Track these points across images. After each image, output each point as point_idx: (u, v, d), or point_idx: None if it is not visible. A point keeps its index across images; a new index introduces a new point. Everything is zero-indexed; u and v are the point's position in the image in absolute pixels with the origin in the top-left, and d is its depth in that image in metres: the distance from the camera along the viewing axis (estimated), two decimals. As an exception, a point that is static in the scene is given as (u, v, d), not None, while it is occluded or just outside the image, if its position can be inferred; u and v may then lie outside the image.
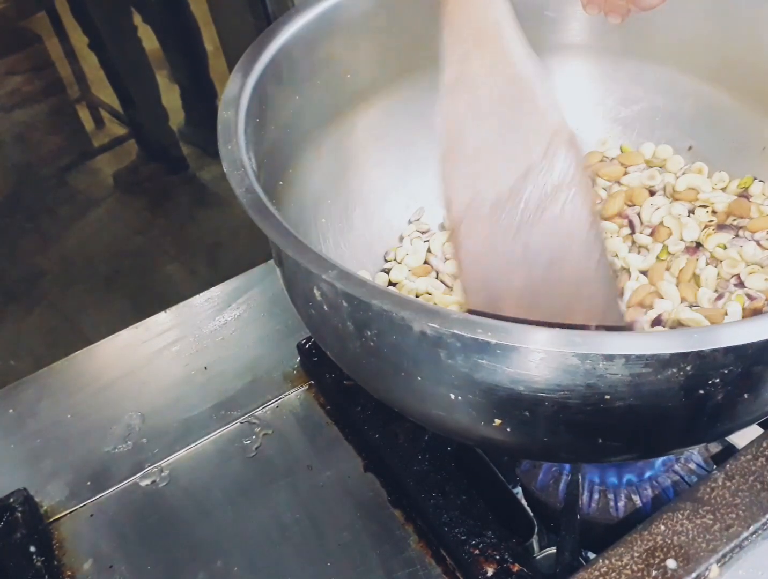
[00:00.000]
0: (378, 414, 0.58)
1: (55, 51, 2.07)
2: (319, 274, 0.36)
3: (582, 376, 0.35)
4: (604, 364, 0.34)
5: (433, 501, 0.52)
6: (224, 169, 0.42)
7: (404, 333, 0.37)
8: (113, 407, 0.65)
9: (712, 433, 0.42)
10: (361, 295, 0.35)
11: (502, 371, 0.36)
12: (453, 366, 0.37)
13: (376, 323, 0.38)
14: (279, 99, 0.52)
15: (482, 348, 0.35)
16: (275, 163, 0.51)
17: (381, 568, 0.52)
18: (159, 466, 0.60)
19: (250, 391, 0.64)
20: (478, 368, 0.36)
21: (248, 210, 0.40)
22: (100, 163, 2.05)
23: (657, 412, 0.37)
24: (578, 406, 0.36)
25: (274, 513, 0.56)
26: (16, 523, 0.55)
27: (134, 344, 0.69)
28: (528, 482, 0.55)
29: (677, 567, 0.40)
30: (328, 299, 0.40)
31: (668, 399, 0.36)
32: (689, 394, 0.36)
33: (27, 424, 0.64)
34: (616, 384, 0.35)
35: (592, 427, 0.38)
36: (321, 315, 0.42)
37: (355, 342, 0.41)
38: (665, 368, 0.34)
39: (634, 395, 0.35)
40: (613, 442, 0.39)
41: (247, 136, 0.45)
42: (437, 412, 0.41)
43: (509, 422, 0.39)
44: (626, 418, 0.37)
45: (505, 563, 0.48)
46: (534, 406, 0.37)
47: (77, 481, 0.60)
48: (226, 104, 0.47)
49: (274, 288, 0.72)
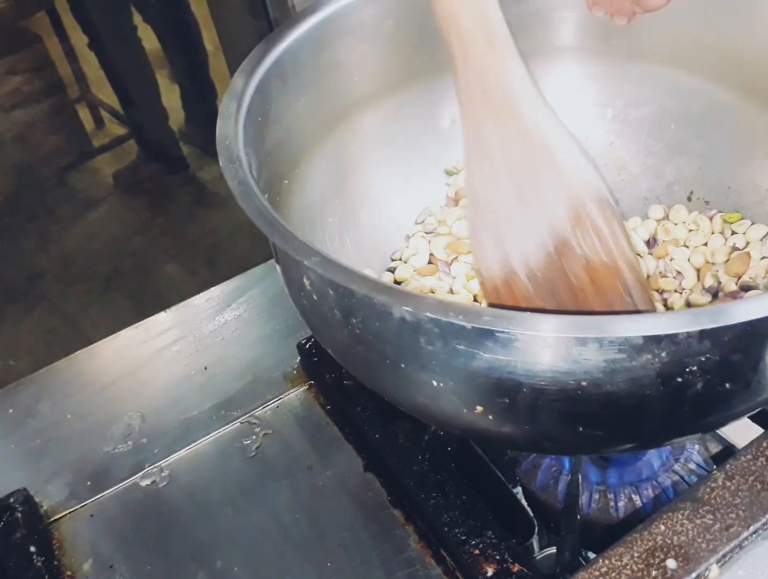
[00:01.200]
0: (378, 414, 0.58)
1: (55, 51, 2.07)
2: (301, 260, 0.37)
3: (557, 361, 0.35)
4: (578, 349, 0.34)
5: (433, 501, 0.52)
6: (220, 162, 0.43)
7: (385, 319, 0.38)
8: (113, 407, 0.65)
9: (697, 425, 0.42)
10: (340, 279, 0.36)
11: (480, 356, 0.36)
12: (433, 352, 0.37)
13: (360, 310, 0.39)
14: (284, 99, 0.52)
15: (458, 333, 0.36)
16: (279, 162, 0.51)
17: (381, 568, 0.52)
18: (159, 466, 0.60)
19: (250, 391, 0.64)
20: (456, 354, 0.37)
21: (240, 201, 0.40)
22: (100, 163, 2.05)
23: (636, 400, 0.37)
24: (555, 392, 0.36)
25: (274, 513, 0.56)
26: (16, 523, 0.55)
27: (134, 344, 0.69)
28: (528, 482, 0.55)
29: (677, 567, 0.40)
30: (317, 288, 0.41)
31: (646, 387, 0.36)
32: (667, 383, 0.36)
33: (27, 424, 0.64)
34: (591, 370, 0.35)
35: (571, 414, 0.38)
36: (312, 304, 0.43)
37: (343, 331, 0.42)
38: (639, 354, 0.34)
39: (610, 382, 0.36)
40: (594, 431, 0.39)
41: (247, 132, 0.46)
42: (422, 400, 0.42)
43: (490, 409, 0.39)
44: (605, 406, 0.37)
45: (505, 563, 0.48)
46: (513, 392, 0.37)
47: (77, 481, 0.60)
48: (229, 100, 0.47)
49: (274, 288, 0.72)
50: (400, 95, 0.61)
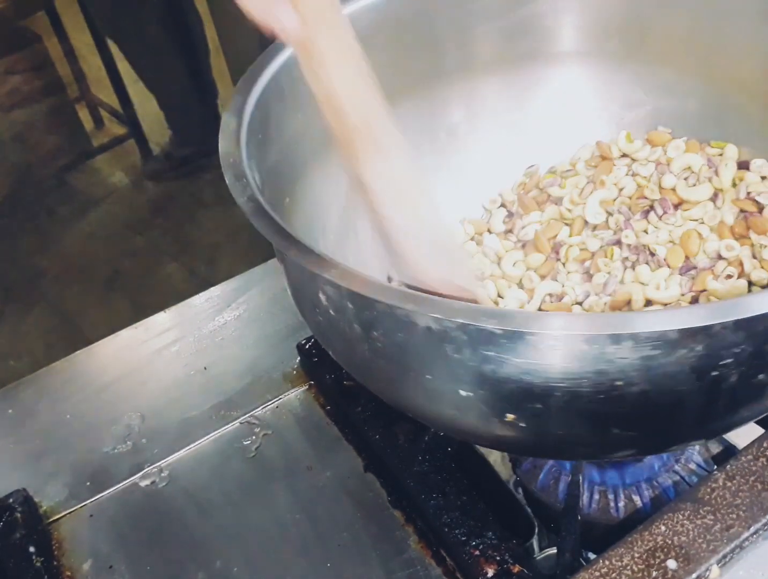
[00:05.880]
0: (378, 414, 0.58)
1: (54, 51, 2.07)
2: (321, 273, 0.36)
3: (591, 361, 0.35)
4: (613, 348, 0.34)
5: (434, 502, 0.52)
6: (227, 181, 0.42)
7: (409, 330, 0.37)
8: (113, 407, 0.65)
9: (731, 420, 0.41)
10: (363, 291, 0.35)
11: (510, 362, 0.35)
12: (461, 361, 0.37)
13: (382, 322, 0.38)
14: (282, 116, 0.52)
15: (488, 338, 0.35)
16: (281, 180, 0.51)
17: (381, 569, 0.52)
18: (159, 466, 0.60)
19: (250, 392, 0.64)
20: (485, 361, 0.36)
21: (251, 218, 0.40)
22: (100, 163, 2.05)
23: (671, 398, 0.36)
24: (590, 394, 0.36)
25: (274, 513, 0.56)
26: (15, 524, 0.55)
27: (134, 344, 0.69)
28: (528, 482, 0.55)
29: (678, 567, 0.40)
30: (334, 302, 0.40)
31: (681, 383, 0.35)
32: (702, 377, 0.35)
33: (27, 424, 0.64)
34: (626, 369, 0.34)
35: (606, 416, 0.38)
36: (328, 320, 0.42)
37: (362, 345, 0.41)
38: (675, 349, 0.34)
39: (645, 380, 0.35)
40: (628, 432, 0.39)
41: (250, 150, 0.46)
42: (449, 412, 0.41)
43: (522, 416, 0.38)
44: (640, 405, 0.36)
45: (506, 564, 0.48)
46: (545, 397, 0.36)
47: (77, 481, 0.60)
48: (229, 117, 0.47)
49: (274, 288, 0.72)
50: (393, 110, 0.61)
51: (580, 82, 0.65)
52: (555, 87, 0.64)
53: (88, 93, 2.14)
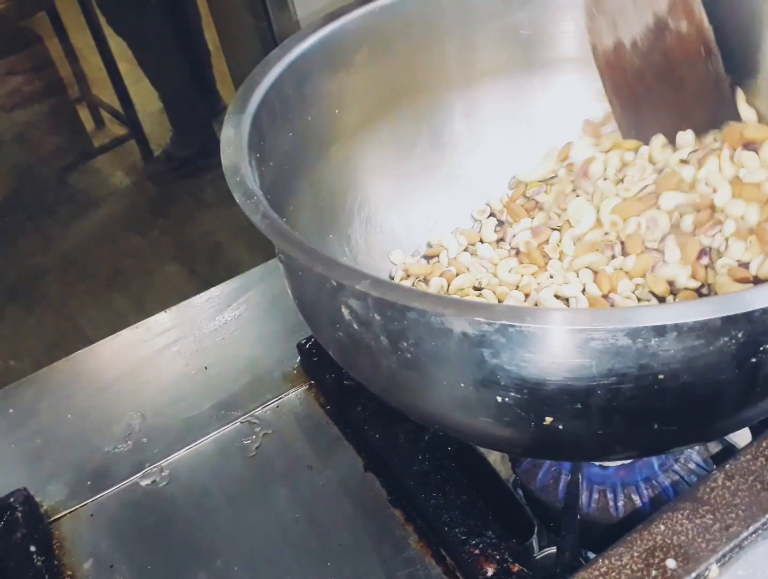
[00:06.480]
0: (378, 414, 0.58)
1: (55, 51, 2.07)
2: (352, 284, 0.35)
3: (634, 356, 0.34)
4: (656, 341, 0.33)
5: (433, 501, 0.52)
6: (237, 200, 0.41)
7: (444, 337, 0.36)
8: (113, 407, 0.65)
9: (765, 407, 0.41)
10: (400, 299, 0.34)
11: (550, 362, 0.35)
12: (498, 365, 0.36)
13: (413, 332, 0.37)
14: (275, 135, 0.51)
15: (527, 339, 0.34)
16: (277, 199, 0.50)
17: (381, 568, 0.52)
18: (159, 465, 0.60)
19: (250, 391, 0.64)
20: (524, 363, 0.35)
21: (269, 235, 0.39)
22: (100, 163, 2.05)
23: (711, 388, 0.36)
24: (631, 390, 0.35)
25: (274, 513, 0.56)
26: (16, 523, 0.55)
27: (134, 344, 0.69)
28: (528, 482, 0.55)
29: (677, 567, 0.40)
30: (358, 316, 0.39)
31: (722, 372, 0.35)
32: (742, 365, 0.35)
33: (27, 424, 0.64)
34: (669, 361, 0.34)
35: (648, 412, 0.37)
36: (350, 336, 0.41)
37: (390, 357, 0.40)
38: (717, 338, 0.34)
39: (687, 372, 0.35)
40: (669, 427, 0.39)
41: (252, 168, 0.45)
42: (484, 419, 0.40)
43: (561, 418, 0.38)
44: (681, 398, 0.36)
45: (505, 563, 0.48)
46: (586, 396, 0.36)
47: (77, 480, 0.60)
48: (227, 137, 0.46)
49: (274, 288, 0.72)
50: (383, 125, 0.60)
51: (577, 89, 0.64)
52: (558, 91, 0.64)
53: (88, 93, 2.14)
